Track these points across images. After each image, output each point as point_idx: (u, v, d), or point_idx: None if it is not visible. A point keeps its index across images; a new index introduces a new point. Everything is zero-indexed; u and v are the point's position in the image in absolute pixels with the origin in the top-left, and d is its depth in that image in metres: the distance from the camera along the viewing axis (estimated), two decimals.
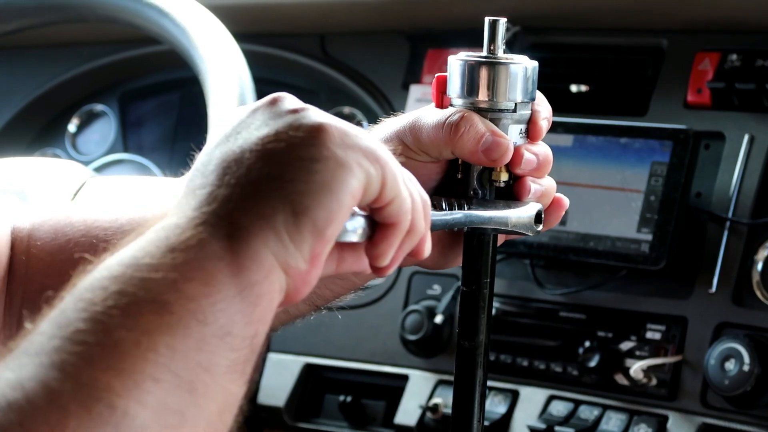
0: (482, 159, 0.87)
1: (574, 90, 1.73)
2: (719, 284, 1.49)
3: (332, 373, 1.76)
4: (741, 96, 1.54)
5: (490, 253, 0.88)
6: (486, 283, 0.88)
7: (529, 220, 0.87)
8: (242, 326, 0.65)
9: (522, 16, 1.72)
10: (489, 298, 0.88)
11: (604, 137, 1.57)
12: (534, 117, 0.90)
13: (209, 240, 0.65)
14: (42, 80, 2.06)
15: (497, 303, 1.63)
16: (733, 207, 1.51)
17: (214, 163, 0.69)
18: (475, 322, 0.87)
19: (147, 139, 2.06)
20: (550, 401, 1.56)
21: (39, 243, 0.93)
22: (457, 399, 0.89)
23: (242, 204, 0.67)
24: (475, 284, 0.88)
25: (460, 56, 0.90)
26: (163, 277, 0.62)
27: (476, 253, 0.88)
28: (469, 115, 0.87)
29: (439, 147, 0.87)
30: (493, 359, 1.61)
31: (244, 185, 0.67)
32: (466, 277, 0.88)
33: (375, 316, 1.73)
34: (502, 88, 0.88)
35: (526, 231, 0.87)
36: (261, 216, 0.66)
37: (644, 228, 1.51)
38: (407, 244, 0.74)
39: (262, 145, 0.68)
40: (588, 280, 1.58)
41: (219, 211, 0.66)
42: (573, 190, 1.57)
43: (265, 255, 0.66)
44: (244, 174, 0.67)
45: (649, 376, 1.50)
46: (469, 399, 0.88)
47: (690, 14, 1.63)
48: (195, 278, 0.63)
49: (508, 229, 0.87)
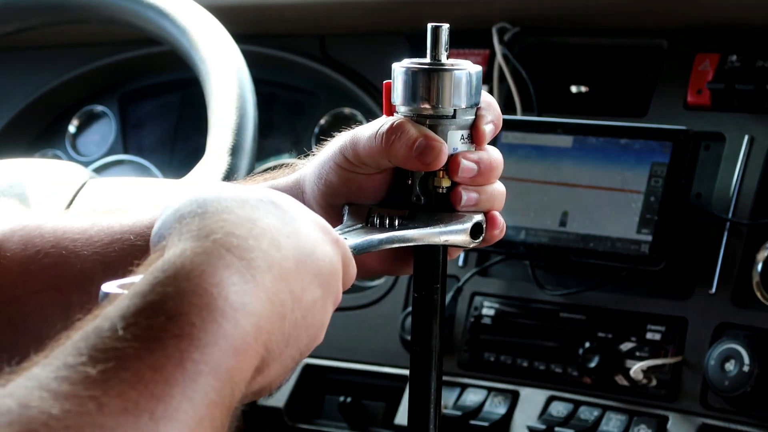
0: (417, 164, 0.87)
1: (574, 91, 1.73)
2: (719, 285, 1.49)
3: (332, 374, 1.76)
4: (741, 97, 1.54)
5: (440, 260, 0.88)
6: (437, 288, 0.88)
7: (464, 234, 0.86)
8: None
9: (522, 17, 1.72)
10: (440, 303, 0.88)
11: (604, 138, 1.57)
12: (477, 122, 0.89)
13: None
14: (42, 81, 2.06)
15: (497, 304, 1.63)
16: (733, 208, 1.51)
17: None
18: (426, 327, 0.88)
19: (147, 140, 2.06)
20: (550, 402, 1.56)
21: (9, 254, 0.93)
22: (412, 404, 0.89)
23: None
24: (425, 290, 0.87)
25: (402, 63, 0.90)
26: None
27: (425, 260, 0.88)
28: (400, 123, 0.87)
29: (375, 157, 0.88)
30: (493, 360, 1.61)
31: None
32: (416, 283, 0.88)
33: (375, 317, 1.73)
34: (440, 95, 0.88)
35: (462, 245, 0.87)
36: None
37: (644, 229, 1.51)
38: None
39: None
40: (588, 280, 1.58)
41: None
42: (573, 191, 1.57)
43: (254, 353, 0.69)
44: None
45: (649, 376, 1.50)
46: (424, 404, 0.88)
47: (690, 15, 1.63)
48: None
49: (441, 245, 0.87)
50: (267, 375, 0.70)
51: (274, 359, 0.70)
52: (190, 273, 0.64)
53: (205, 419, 0.62)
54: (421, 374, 0.88)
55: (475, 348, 1.63)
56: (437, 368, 0.88)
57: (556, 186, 1.58)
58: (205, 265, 0.65)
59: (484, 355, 1.62)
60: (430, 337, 0.88)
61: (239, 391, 0.66)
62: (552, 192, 1.58)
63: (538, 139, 1.59)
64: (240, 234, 0.68)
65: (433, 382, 0.88)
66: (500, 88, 1.71)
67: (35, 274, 0.90)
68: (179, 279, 0.64)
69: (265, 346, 0.68)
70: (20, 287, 0.91)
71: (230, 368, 0.64)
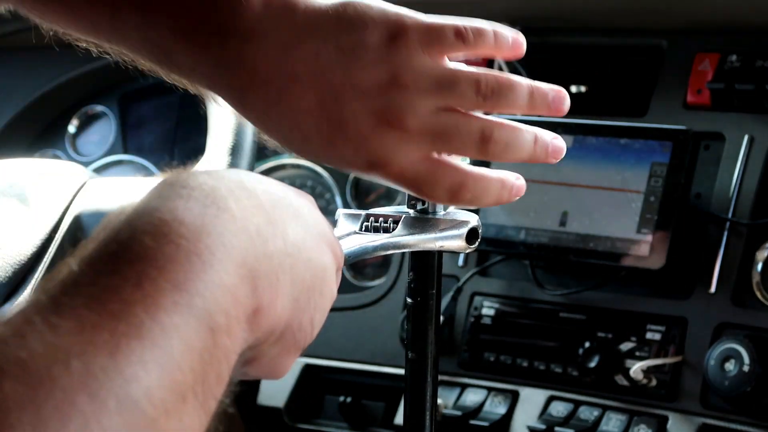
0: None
1: (573, 90, 1.73)
2: (719, 285, 1.49)
3: (332, 374, 1.76)
4: (741, 96, 1.54)
5: (435, 266, 0.87)
6: (432, 294, 0.87)
7: (460, 240, 0.85)
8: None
9: (522, 17, 1.72)
10: (436, 309, 0.88)
11: (604, 138, 1.57)
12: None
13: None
14: (42, 81, 2.06)
15: (497, 304, 1.63)
16: (733, 207, 1.51)
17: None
18: (422, 333, 0.87)
19: (147, 140, 2.06)
20: (550, 402, 1.56)
21: None
22: (407, 410, 0.89)
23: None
24: (420, 296, 0.87)
25: None
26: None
27: (420, 266, 0.87)
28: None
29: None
30: (493, 360, 1.61)
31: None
32: (412, 290, 0.88)
33: (375, 317, 1.73)
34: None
35: (458, 250, 0.86)
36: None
37: (644, 229, 1.51)
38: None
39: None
40: (588, 280, 1.58)
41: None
42: (573, 191, 1.57)
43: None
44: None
45: (649, 376, 1.50)
46: (420, 410, 0.88)
47: (690, 15, 1.63)
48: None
49: (437, 250, 0.86)
50: (271, 312, 0.64)
51: (271, 289, 0.64)
52: (143, 209, 0.61)
53: (177, 342, 0.57)
54: (417, 381, 0.88)
55: (475, 348, 1.63)
56: (433, 374, 0.88)
57: (556, 186, 1.58)
58: (158, 200, 0.62)
59: (484, 355, 1.62)
60: (426, 344, 0.87)
61: (232, 323, 0.60)
62: (552, 192, 1.58)
63: None
64: (198, 180, 0.64)
65: (428, 390, 0.88)
66: None
67: None
68: (130, 216, 0.61)
69: (247, 267, 0.62)
70: None
71: (199, 288, 0.59)
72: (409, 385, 0.88)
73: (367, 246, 0.83)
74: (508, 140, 0.82)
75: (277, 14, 0.81)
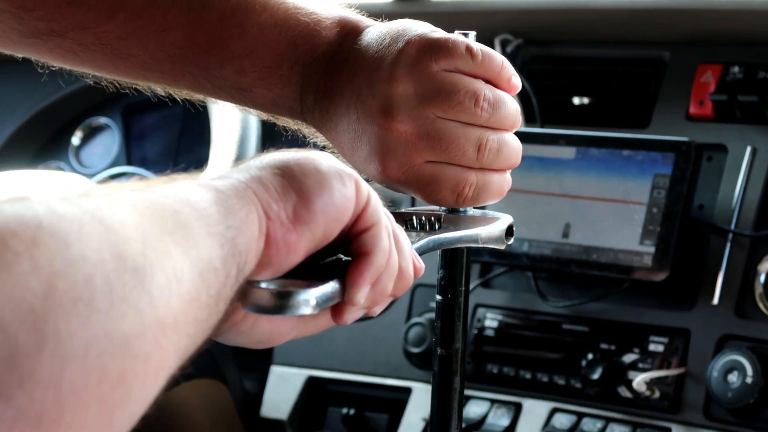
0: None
1: (576, 102, 1.73)
2: (722, 296, 1.49)
3: (335, 386, 1.76)
4: (743, 108, 1.54)
5: (464, 263, 0.90)
6: (461, 291, 0.90)
7: (500, 234, 0.89)
8: (219, 252, 0.64)
9: (524, 29, 1.72)
10: (464, 306, 0.90)
11: (607, 149, 1.57)
12: None
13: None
14: (46, 93, 2.07)
15: (500, 315, 1.63)
16: (736, 219, 1.51)
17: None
18: (451, 330, 0.90)
19: (150, 151, 2.06)
20: (553, 414, 1.56)
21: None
22: (435, 406, 0.91)
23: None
24: (450, 293, 0.89)
25: None
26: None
27: (450, 264, 0.90)
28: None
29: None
30: (496, 372, 1.61)
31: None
32: (442, 287, 0.90)
33: (378, 329, 1.73)
34: None
35: (496, 245, 0.89)
36: (251, 168, 0.71)
37: (647, 240, 1.51)
38: (383, 283, 0.75)
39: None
40: (591, 292, 1.58)
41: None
42: (575, 203, 1.57)
43: (245, 188, 0.68)
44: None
45: (651, 388, 1.50)
46: (447, 405, 0.90)
47: (692, 26, 1.63)
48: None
49: (479, 246, 0.89)
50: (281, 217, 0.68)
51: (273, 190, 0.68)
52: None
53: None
54: (445, 376, 0.90)
55: (478, 360, 1.62)
56: (461, 371, 0.90)
57: (558, 197, 1.59)
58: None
59: (487, 367, 1.62)
60: (454, 340, 0.90)
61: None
62: (555, 203, 1.58)
63: (541, 151, 1.60)
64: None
65: (456, 385, 0.90)
66: None
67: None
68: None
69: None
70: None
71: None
72: (438, 381, 0.90)
73: (429, 240, 0.84)
74: (499, 148, 0.88)
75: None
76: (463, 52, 0.86)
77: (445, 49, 0.86)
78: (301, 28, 0.90)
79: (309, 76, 0.89)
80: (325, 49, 0.89)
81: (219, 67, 0.91)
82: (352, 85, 0.87)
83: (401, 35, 0.87)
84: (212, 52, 0.90)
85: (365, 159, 0.87)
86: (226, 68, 0.90)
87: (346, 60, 0.88)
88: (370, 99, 0.86)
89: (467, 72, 0.86)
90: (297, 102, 0.91)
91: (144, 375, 0.54)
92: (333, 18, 0.91)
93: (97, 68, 0.97)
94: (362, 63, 0.87)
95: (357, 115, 0.87)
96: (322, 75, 0.89)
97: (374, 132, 0.86)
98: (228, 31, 0.90)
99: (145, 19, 0.90)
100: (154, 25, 0.91)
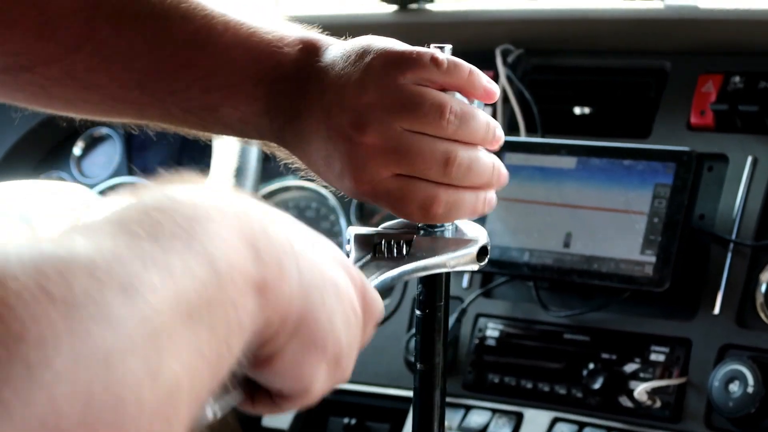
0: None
1: (577, 112, 1.73)
2: (723, 306, 1.49)
3: (336, 396, 1.75)
4: (744, 118, 1.54)
5: (443, 279, 0.89)
6: (440, 306, 0.89)
7: (471, 258, 0.88)
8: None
9: (525, 39, 1.73)
10: (444, 321, 0.90)
11: (608, 159, 1.57)
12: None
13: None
14: None
15: (501, 325, 1.63)
16: (737, 229, 1.51)
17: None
18: (431, 345, 0.89)
19: (152, 161, 2.06)
20: (554, 424, 1.56)
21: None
22: (416, 421, 0.90)
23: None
24: (429, 308, 0.89)
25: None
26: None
27: (428, 280, 0.89)
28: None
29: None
30: (498, 381, 1.61)
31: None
32: (420, 302, 0.90)
33: (379, 338, 1.73)
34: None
35: (468, 267, 0.89)
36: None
37: (648, 250, 1.51)
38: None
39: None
40: (592, 302, 1.58)
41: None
42: (576, 212, 1.57)
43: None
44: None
45: (653, 398, 1.49)
46: (429, 421, 0.90)
47: (693, 36, 1.63)
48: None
49: (449, 270, 0.88)
50: (279, 292, 0.61)
51: (274, 264, 0.61)
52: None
53: (177, 261, 0.54)
54: (426, 391, 0.90)
55: (480, 369, 1.62)
56: (441, 386, 0.90)
57: (559, 207, 1.59)
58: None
59: (488, 377, 1.62)
60: (434, 355, 0.89)
61: (236, 278, 0.58)
62: (555, 213, 1.59)
63: (542, 161, 1.60)
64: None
65: (437, 400, 0.90)
66: (504, 109, 1.72)
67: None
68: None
69: (245, 236, 0.60)
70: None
71: (197, 231, 0.57)
72: (418, 396, 0.90)
73: (386, 278, 0.84)
74: (470, 164, 0.86)
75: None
76: (429, 63, 0.86)
77: (411, 60, 0.86)
78: (263, 45, 0.90)
79: (275, 96, 0.89)
80: (289, 66, 0.89)
81: (186, 89, 0.91)
82: (322, 103, 0.87)
83: (366, 51, 0.87)
84: (178, 75, 0.91)
85: (338, 175, 0.87)
86: (192, 89, 0.91)
87: (312, 78, 0.88)
88: (340, 114, 0.85)
89: (436, 83, 0.86)
90: (266, 120, 0.90)
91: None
92: (295, 36, 0.91)
93: (68, 103, 0.98)
94: (329, 80, 0.87)
95: (327, 132, 0.86)
96: (288, 96, 0.89)
97: (345, 147, 0.85)
98: (192, 52, 0.90)
99: (111, 48, 0.91)
100: (120, 54, 0.91)
